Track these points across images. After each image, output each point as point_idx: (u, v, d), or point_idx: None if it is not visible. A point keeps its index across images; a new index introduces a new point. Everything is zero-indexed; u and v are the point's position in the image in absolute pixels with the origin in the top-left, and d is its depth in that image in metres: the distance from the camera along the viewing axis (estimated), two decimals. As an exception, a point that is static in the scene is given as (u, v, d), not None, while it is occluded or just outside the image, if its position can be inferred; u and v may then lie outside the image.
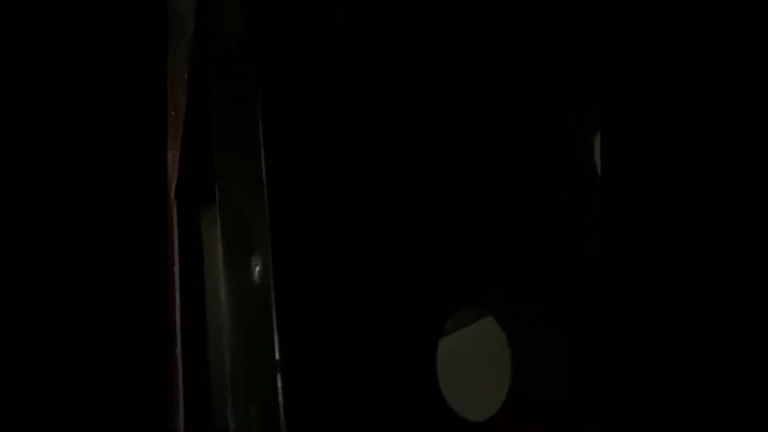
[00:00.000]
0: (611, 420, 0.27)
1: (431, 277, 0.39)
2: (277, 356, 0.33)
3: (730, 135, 0.27)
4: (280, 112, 0.39)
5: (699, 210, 0.27)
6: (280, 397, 0.33)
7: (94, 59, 0.48)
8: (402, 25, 0.44)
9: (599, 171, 0.45)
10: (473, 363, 0.58)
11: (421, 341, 0.38)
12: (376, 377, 0.36)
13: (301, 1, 0.42)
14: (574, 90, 0.47)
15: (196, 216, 0.74)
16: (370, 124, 0.41)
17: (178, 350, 0.73)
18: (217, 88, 0.50)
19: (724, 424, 0.25)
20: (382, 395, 0.36)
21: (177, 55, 0.63)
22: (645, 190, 0.28)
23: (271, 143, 0.38)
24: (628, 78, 0.28)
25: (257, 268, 0.37)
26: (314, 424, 0.34)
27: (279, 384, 0.33)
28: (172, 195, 0.74)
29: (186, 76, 0.59)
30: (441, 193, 0.42)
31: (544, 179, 0.45)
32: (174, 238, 0.75)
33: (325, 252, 0.37)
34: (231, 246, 0.45)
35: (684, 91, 0.28)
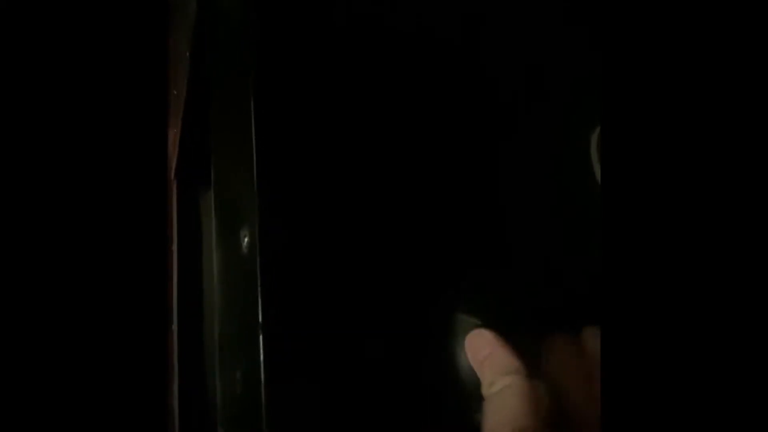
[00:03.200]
0: (613, 422, 0.27)
1: (411, 259, 0.40)
2: (260, 319, 0.35)
3: (730, 134, 0.27)
4: (272, 95, 0.40)
5: (699, 210, 0.27)
6: (261, 357, 0.34)
7: (97, 41, 0.49)
8: (401, 21, 0.45)
9: (598, 171, 0.45)
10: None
11: (397, 313, 0.39)
12: (355, 345, 0.38)
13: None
14: (574, 90, 0.47)
15: (195, 196, 0.75)
16: (361, 114, 0.42)
17: (174, 327, 0.74)
18: (215, 71, 0.52)
19: (725, 425, 0.25)
20: (360, 362, 0.37)
21: (181, 36, 0.64)
22: (645, 190, 0.28)
23: (262, 125, 0.40)
24: (627, 78, 0.29)
25: (245, 240, 0.39)
26: (295, 387, 0.36)
27: (260, 345, 0.35)
28: (173, 174, 0.75)
29: (188, 55, 0.60)
30: (434, 189, 0.42)
31: (544, 179, 0.45)
32: (173, 217, 0.76)
33: (308, 226, 0.39)
34: (223, 219, 0.46)
35: (684, 91, 0.28)
